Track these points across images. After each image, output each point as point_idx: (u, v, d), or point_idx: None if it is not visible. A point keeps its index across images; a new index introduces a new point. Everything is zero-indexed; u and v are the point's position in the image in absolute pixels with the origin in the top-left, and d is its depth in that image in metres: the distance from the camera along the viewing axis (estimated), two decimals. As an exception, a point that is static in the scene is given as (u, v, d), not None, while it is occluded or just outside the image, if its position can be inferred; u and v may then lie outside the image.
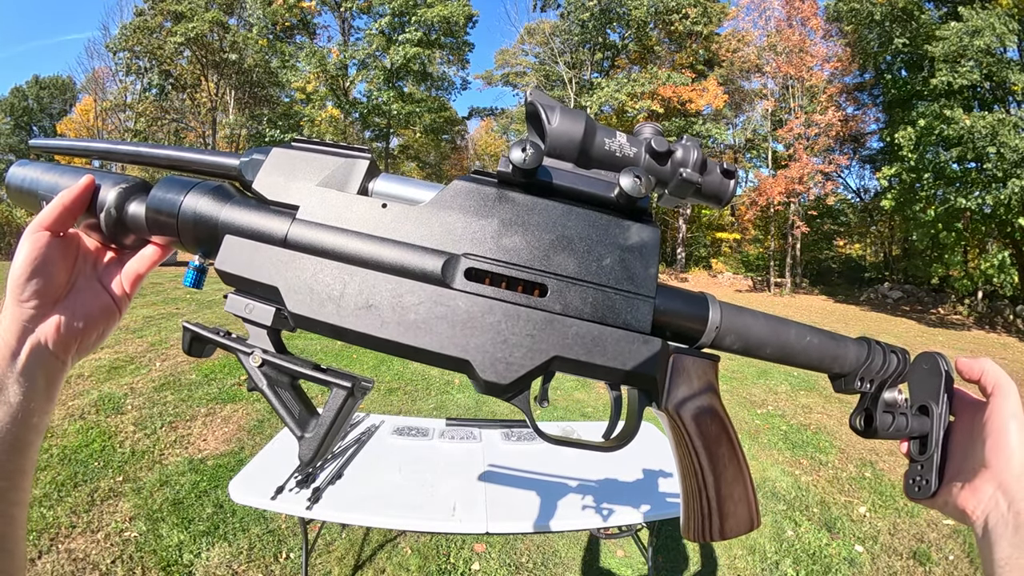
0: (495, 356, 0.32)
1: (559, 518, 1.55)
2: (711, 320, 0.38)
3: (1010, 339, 11.97)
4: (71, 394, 3.95)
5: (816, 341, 0.41)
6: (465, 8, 23.29)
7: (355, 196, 0.34)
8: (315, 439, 0.33)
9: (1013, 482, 0.37)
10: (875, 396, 0.44)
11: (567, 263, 0.34)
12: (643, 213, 0.37)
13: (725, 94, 22.30)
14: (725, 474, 0.38)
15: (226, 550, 2.25)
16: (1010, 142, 11.56)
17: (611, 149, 0.35)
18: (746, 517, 0.39)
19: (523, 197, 0.34)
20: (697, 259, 26.66)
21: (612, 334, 0.34)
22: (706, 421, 0.38)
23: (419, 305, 0.32)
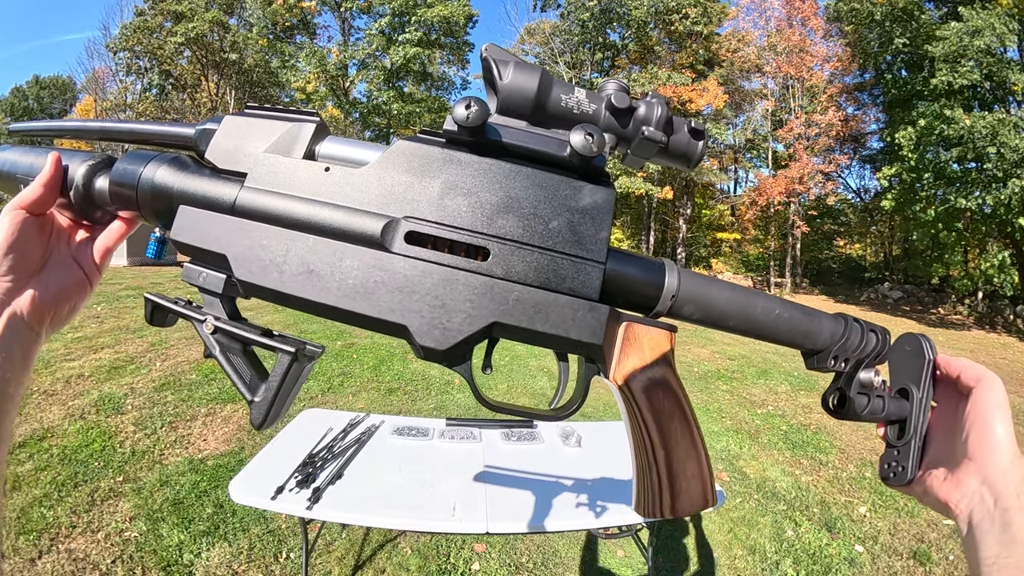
0: (433, 322, 0.31)
1: (559, 518, 1.55)
2: (667, 288, 0.36)
3: (1010, 339, 11.97)
4: (71, 394, 3.95)
5: (786, 315, 0.40)
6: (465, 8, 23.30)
7: (300, 161, 0.33)
8: (264, 403, 0.33)
9: (999, 477, 0.36)
10: (850, 376, 0.42)
11: (511, 226, 0.32)
12: (599, 174, 0.35)
13: (725, 94, 22.29)
14: (677, 450, 0.37)
15: (226, 550, 2.25)
16: (1010, 142, 11.56)
17: (568, 106, 0.34)
18: (699, 495, 0.38)
19: (469, 157, 0.33)
20: (697, 259, 26.65)
21: (556, 300, 0.33)
22: (657, 394, 0.36)
23: (358, 270, 0.31)
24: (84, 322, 6.38)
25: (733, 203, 26.23)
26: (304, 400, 4.19)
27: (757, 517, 2.83)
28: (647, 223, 26.36)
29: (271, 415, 0.33)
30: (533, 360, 6.14)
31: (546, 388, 5.09)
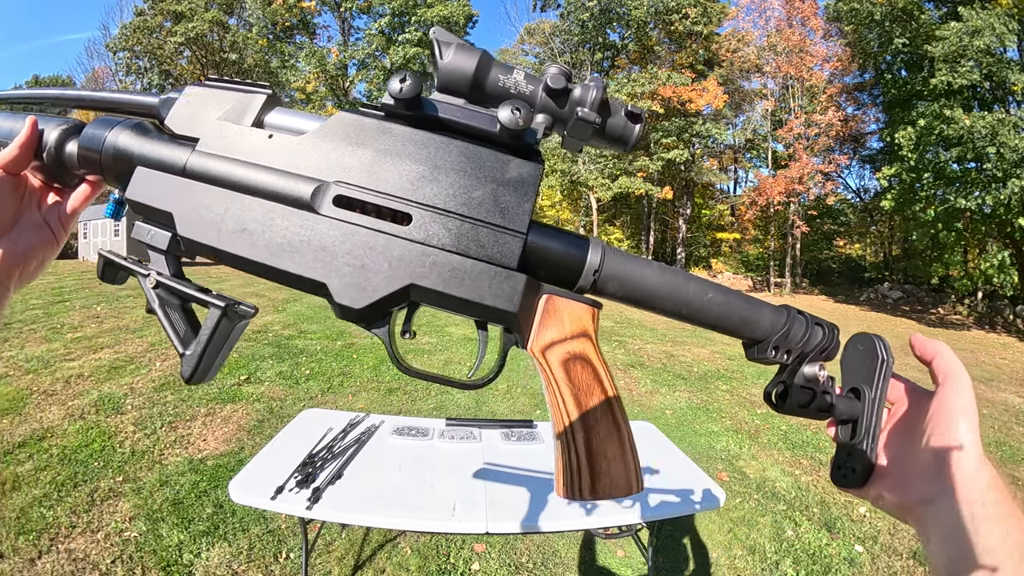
0: (351, 281, 0.33)
1: (559, 518, 1.55)
2: (589, 263, 0.36)
3: (1010, 339, 11.97)
4: (71, 394, 3.95)
5: (720, 299, 0.39)
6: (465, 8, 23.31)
7: (248, 128, 0.35)
8: (193, 356, 0.34)
9: (963, 483, 0.34)
10: (794, 369, 0.41)
11: (436, 194, 0.34)
12: (528, 150, 0.36)
13: (725, 94, 22.29)
14: (597, 428, 0.36)
15: (226, 550, 2.25)
16: (1010, 142, 11.57)
17: (506, 86, 0.35)
18: (622, 479, 0.37)
19: (402, 129, 0.35)
20: (697, 259, 26.66)
21: (473, 267, 0.33)
22: (575, 368, 0.36)
23: (287, 229, 0.33)
24: (84, 322, 6.38)
25: (733, 203, 26.25)
26: (304, 400, 4.19)
27: (757, 517, 2.83)
28: (647, 223, 26.36)
29: (200, 369, 0.34)
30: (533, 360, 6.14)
31: (546, 388, 5.09)
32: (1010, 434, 4.56)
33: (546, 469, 1.82)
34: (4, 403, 3.69)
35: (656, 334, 8.36)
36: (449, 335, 7.43)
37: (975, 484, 0.34)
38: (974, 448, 0.35)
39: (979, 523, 0.33)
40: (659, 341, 7.82)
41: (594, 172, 22.22)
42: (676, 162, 22.36)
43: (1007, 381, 6.89)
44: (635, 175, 22.23)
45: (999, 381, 6.85)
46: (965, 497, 0.34)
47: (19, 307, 7.02)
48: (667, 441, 2.15)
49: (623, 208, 27.12)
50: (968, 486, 0.34)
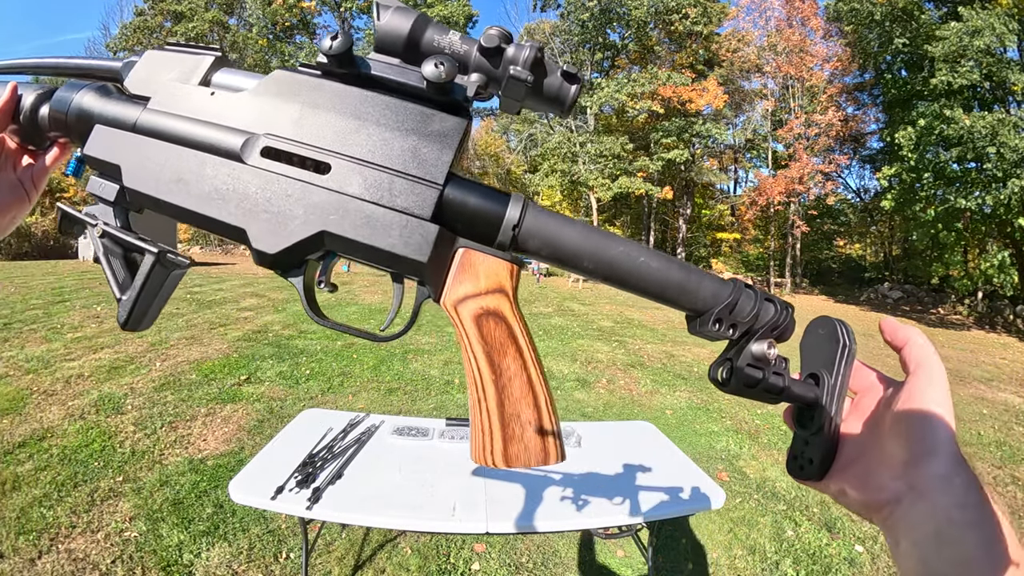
0: (267, 227, 0.34)
1: (559, 518, 1.55)
2: (507, 218, 0.35)
3: (1010, 339, 11.97)
4: (71, 394, 3.95)
5: (653, 264, 0.37)
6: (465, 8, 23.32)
7: (194, 87, 0.37)
8: (128, 302, 0.36)
9: (936, 486, 0.31)
10: (741, 346, 0.38)
11: (358, 146, 0.35)
12: (455, 105, 0.36)
13: (725, 94, 22.30)
14: (509, 389, 0.35)
15: (226, 550, 2.25)
16: (1010, 142, 11.57)
17: (440, 45, 0.35)
18: (537, 446, 0.35)
19: (333, 85, 0.36)
20: (697, 259, 26.66)
21: (385, 215, 0.34)
22: (488, 324, 0.35)
23: (215, 178, 0.35)
24: (84, 322, 6.38)
25: (733, 203, 26.25)
26: (304, 400, 4.19)
27: (757, 517, 2.83)
28: (647, 223, 26.36)
29: (134, 314, 0.36)
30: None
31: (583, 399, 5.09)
32: (1010, 434, 4.56)
33: (547, 469, 1.82)
34: (4, 403, 3.69)
35: (656, 334, 8.36)
36: (449, 335, 7.43)
37: (951, 485, 0.31)
38: (948, 445, 0.32)
39: (956, 529, 0.30)
40: (659, 341, 7.82)
41: (594, 172, 22.22)
42: (676, 162, 22.36)
43: (1007, 381, 6.89)
44: (635, 175, 22.23)
45: (999, 381, 6.85)
46: (938, 499, 0.31)
47: (19, 307, 7.02)
48: (667, 441, 2.15)
49: (623, 208, 27.13)
50: (942, 487, 0.31)
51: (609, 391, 5.13)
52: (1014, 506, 3.20)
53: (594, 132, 23.59)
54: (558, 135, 23.64)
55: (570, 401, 4.77)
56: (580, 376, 5.54)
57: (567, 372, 5.67)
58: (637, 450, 2.04)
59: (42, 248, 16.07)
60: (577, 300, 12.80)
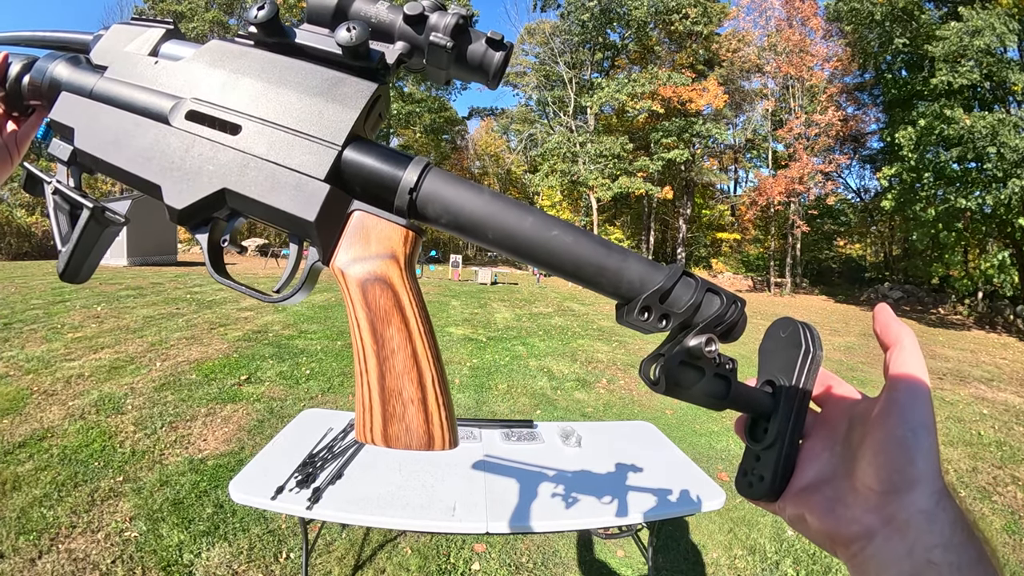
0: (178, 185, 0.35)
1: (559, 518, 1.55)
2: (403, 182, 0.34)
3: (1010, 339, 11.97)
4: (71, 394, 3.95)
5: (567, 239, 0.34)
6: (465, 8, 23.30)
7: (143, 56, 0.40)
8: (66, 252, 0.38)
9: (913, 523, 0.27)
10: (675, 340, 0.34)
11: (268, 108, 0.36)
12: (369, 70, 0.37)
13: (725, 94, 22.30)
14: (392, 361, 0.33)
15: (226, 550, 2.25)
16: (1010, 142, 11.56)
17: (367, 15, 0.36)
18: (420, 429, 0.33)
19: (258, 52, 0.38)
20: (697, 259, 26.66)
21: (282, 174, 0.34)
22: (374, 290, 0.34)
23: (144, 138, 0.37)
24: (84, 322, 6.38)
25: (733, 203, 26.25)
26: (304, 400, 4.19)
27: (757, 517, 2.83)
28: (647, 223, 26.36)
29: (71, 264, 0.39)
30: (533, 360, 6.14)
31: (546, 388, 5.09)
32: (1010, 434, 4.56)
33: (546, 469, 1.82)
34: (4, 403, 3.69)
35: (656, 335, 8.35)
36: (449, 335, 7.43)
37: (933, 522, 0.27)
38: (932, 475, 0.28)
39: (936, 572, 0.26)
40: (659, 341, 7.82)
41: (594, 172, 22.21)
42: (676, 162, 22.36)
43: (1007, 381, 6.89)
44: (635, 175, 22.23)
45: (999, 381, 6.85)
46: (918, 538, 0.27)
47: (19, 307, 7.02)
48: (667, 441, 2.15)
49: (623, 208, 27.13)
50: (923, 524, 0.27)
51: (609, 391, 5.14)
52: (1014, 506, 3.20)
53: (594, 132, 23.59)
54: (558, 135, 23.64)
55: (570, 401, 4.77)
56: (580, 376, 5.54)
57: (567, 372, 5.67)
58: (637, 450, 2.04)
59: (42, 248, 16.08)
60: (577, 300, 12.80)
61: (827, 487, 0.32)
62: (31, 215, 16.99)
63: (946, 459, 3.91)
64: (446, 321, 8.61)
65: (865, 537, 0.29)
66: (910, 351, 0.32)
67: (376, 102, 0.37)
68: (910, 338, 0.32)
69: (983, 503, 3.23)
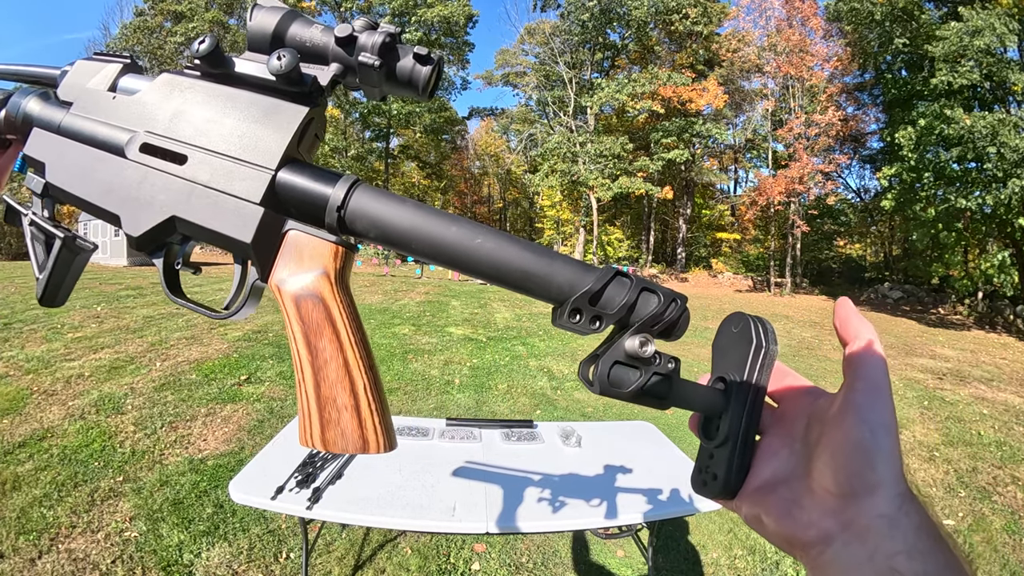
0: (134, 213, 0.38)
1: (559, 518, 1.55)
2: (331, 200, 0.36)
3: (1010, 339, 11.97)
4: (71, 394, 3.95)
5: (491, 246, 0.35)
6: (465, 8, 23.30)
7: (103, 91, 0.41)
8: (42, 280, 0.41)
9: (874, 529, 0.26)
10: (613, 342, 0.35)
11: (211, 137, 0.38)
12: (302, 94, 0.38)
13: (725, 94, 22.31)
14: (325, 371, 0.35)
15: (226, 550, 2.25)
16: (1010, 142, 11.56)
17: (302, 39, 0.38)
18: (354, 433, 0.35)
19: (204, 84, 0.39)
20: (697, 259, 26.66)
21: (225, 201, 0.36)
22: (307, 305, 0.36)
23: (104, 172, 0.39)
24: (84, 322, 6.38)
25: (733, 203, 26.25)
26: (304, 400, 4.19)
27: (757, 517, 2.83)
28: (647, 223, 26.36)
29: (48, 290, 0.41)
30: (533, 360, 6.14)
31: (546, 388, 5.09)
32: (1010, 434, 4.56)
33: (546, 469, 1.82)
34: (4, 403, 3.69)
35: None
36: (449, 335, 7.43)
37: (896, 528, 0.26)
38: (893, 478, 0.27)
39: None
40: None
41: (594, 172, 22.21)
42: (676, 162, 22.37)
43: (1007, 381, 6.89)
44: (635, 175, 22.23)
45: (999, 381, 6.85)
46: (880, 544, 0.26)
47: (19, 307, 7.02)
48: (667, 441, 2.15)
49: (623, 208, 27.12)
50: (885, 530, 0.26)
51: (609, 391, 5.13)
52: (1014, 506, 3.20)
53: (594, 132, 23.59)
54: (558, 135, 23.64)
55: (570, 401, 4.77)
56: (580, 376, 5.54)
57: (567, 372, 5.67)
58: (637, 450, 2.04)
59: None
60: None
61: (784, 487, 0.31)
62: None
63: (946, 459, 3.91)
64: (446, 321, 8.61)
65: (823, 542, 0.28)
66: (870, 347, 0.30)
67: (309, 124, 0.39)
68: (871, 334, 0.31)
69: (983, 503, 3.23)
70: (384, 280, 15.02)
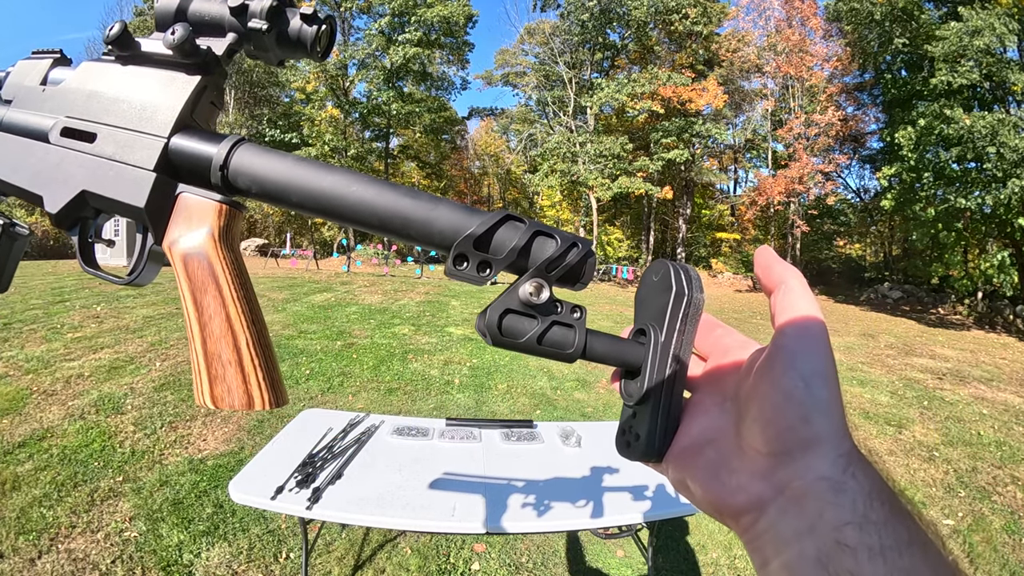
0: (53, 194, 0.39)
1: (559, 518, 1.55)
2: (214, 160, 0.37)
3: (1010, 339, 11.97)
4: (71, 394, 3.95)
5: (370, 193, 0.34)
6: (465, 8, 23.29)
7: (36, 85, 0.43)
8: None
9: (813, 492, 0.22)
10: (509, 290, 0.32)
11: (116, 114, 0.39)
12: (201, 65, 0.39)
13: (725, 94, 22.29)
14: (210, 327, 0.36)
15: (226, 550, 2.25)
16: (1010, 142, 11.57)
17: (202, 13, 0.39)
18: (239, 389, 0.35)
19: (114, 66, 0.41)
20: (697, 259, 26.66)
21: (123, 170, 0.38)
22: (192, 263, 0.37)
23: (32, 158, 0.40)
24: (84, 322, 6.38)
25: (733, 203, 26.25)
26: (304, 400, 4.19)
27: (757, 517, 2.83)
28: (647, 223, 26.35)
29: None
30: (533, 360, 6.14)
31: (546, 388, 5.09)
32: (1010, 434, 4.56)
33: (546, 469, 1.82)
34: (4, 403, 3.69)
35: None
36: (449, 335, 7.43)
37: (840, 492, 0.22)
38: (835, 437, 0.23)
39: (850, 558, 0.20)
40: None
41: (594, 172, 22.21)
42: (676, 162, 22.36)
43: (1007, 381, 6.89)
44: (635, 175, 22.23)
45: (999, 381, 6.85)
46: (822, 512, 0.22)
47: (19, 307, 7.02)
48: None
49: (623, 208, 27.12)
50: (826, 494, 0.22)
51: (609, 391, 5.13)
52: (1014, 506, 3.20)
53: (594, 132, 23.59)
54: (558, 135, 23.64)
55: (570, 401, 4.77)
56: (580, 376, 5.54)
57: (567, 372, 5.67)
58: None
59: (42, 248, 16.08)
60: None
61: (711, 448, 0.28)
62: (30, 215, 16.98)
63: (946, 459, 3.91)
64: (446, 321, 8.61)
65: (755, 508, 0.24)
66: (798, 292, 0.27)
67: (203, 92, 0.40)
68: (796, 278, 0.28)
69: (983, 503, 3.23)
70: (384, 280, 15.02)
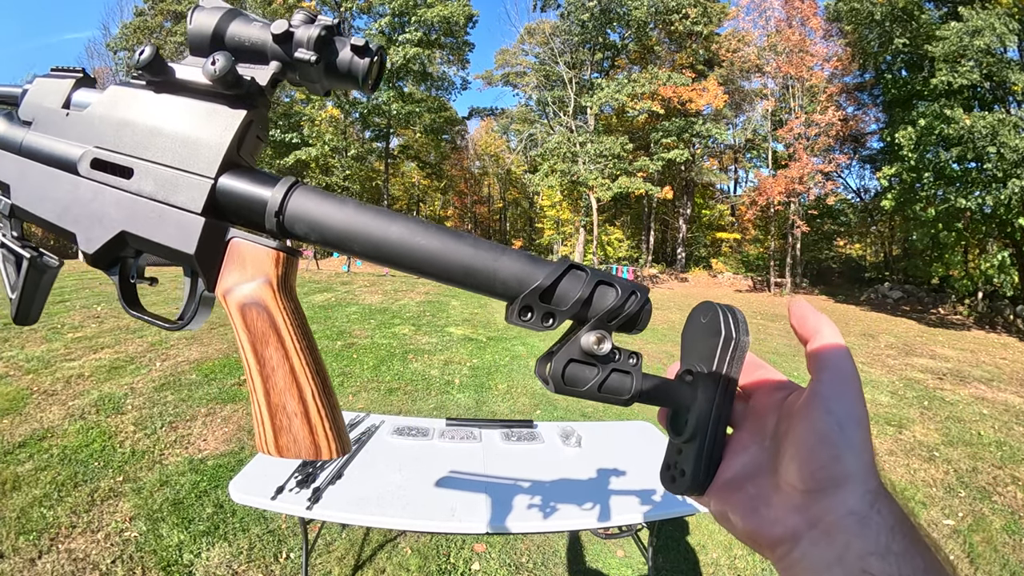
0: (88, 231, 0.37)
1: (559, 518, 1.55)
2: (270, 205, 0.35)
3: (1010, 339, 11.97)
4: (71, 394, 3.95)
5: (433, 245, 0.34)
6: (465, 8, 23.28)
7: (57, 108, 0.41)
8: (15, 300, 0.41)
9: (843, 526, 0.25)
10: (569, 339, 0.34)
11: (154, 148, 0.37)
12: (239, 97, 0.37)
13: (725, 94, 22.29)
14: (273, 379, 0.35)
15: (226, 550, 2.25)
16: (1010, 142, 11.56)
17: (242, 38, 0.37)
18: (306, 439, 0.35)
19: (147, 94, 0.38)
20: (697, 259, 26.65)
21: (167, 212, 0.36)
22: (251, 314, 0.36)
23: (60, 190, 0.38)
24: (84, 322, 6.38)
25: (733, 203, 26.24)
26: (304, 400, 4.19)
27: (757, 517, 2.83)
28: (647, 223, 26.35)
29: (20, 310, 0.41)
30: (533, 360, 6.13)
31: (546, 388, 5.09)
32: (1010, 434, 4.55)
33: (546, 469, 1.82)
34: (4, 403, 3.69)
35: (656, 334, 8.35)
36: (450, 335, 7.43)
37: (866, 526, 0.24)
38: (863, 472, 0.26)
39: None
40: (659, 341, 7.82)
41: (594, 172, 22.21)
42: (676, 162, 22.35)
43: (1007, 381, 6.89)
44: (635, 175, 22.23)
45: (999, 381, 6.85)
46: (849, 543, 0.24)
47: (19, 307, 7.02)
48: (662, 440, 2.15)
49: (623, 208, 27.12)
50: (855, 528, 0.25)
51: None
52: (1014, 506, 3.20)
53: (594, 132, 23.58)
54: (558, 135, 23.63)
55: (570, 401, 4.77)
56: (580, 376, 5.54)
57: (567, 372, 5.67)
58: (637, 450, 2.04)
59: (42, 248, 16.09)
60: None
61: (751, 484, 0.30)
62: (31, 215, 17.01)
63: (946, 459, 3.91)
64: (446, 321, 8.61)
65: (790, 540, 0.27)
66: (831, 339, 0.29)
67: (249, 127, 0.38)
68: (830, 327, 0.30)
69: (983, 503, 3.23)
70: (384, 280, 15.02)
